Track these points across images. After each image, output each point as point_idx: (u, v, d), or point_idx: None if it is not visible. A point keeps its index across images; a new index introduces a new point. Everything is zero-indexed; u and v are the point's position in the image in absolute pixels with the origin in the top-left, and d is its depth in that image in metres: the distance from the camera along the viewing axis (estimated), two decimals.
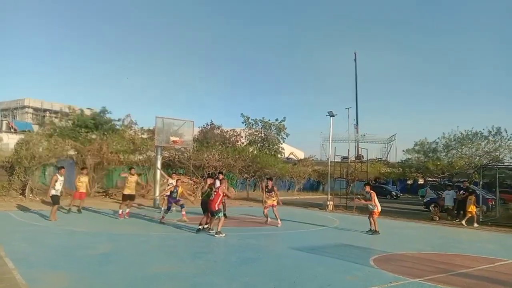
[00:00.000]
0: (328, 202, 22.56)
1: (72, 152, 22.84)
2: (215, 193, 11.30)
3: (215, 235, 10.98)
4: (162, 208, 15.41)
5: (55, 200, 12.92)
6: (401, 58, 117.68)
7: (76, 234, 10.85)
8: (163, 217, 13.80)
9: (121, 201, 15.17)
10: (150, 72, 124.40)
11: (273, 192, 14.68)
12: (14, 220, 12.90)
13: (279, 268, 7.65)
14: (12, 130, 56.30)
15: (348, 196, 24.22)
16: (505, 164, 22.90)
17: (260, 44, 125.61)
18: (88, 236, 10.53)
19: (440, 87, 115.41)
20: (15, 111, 67.48)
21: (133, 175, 15.12)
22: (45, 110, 66.42)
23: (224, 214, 14.39)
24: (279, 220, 14.25)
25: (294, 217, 17.44)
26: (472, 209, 17.23)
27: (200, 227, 11.75)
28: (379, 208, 13.54)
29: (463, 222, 17.26)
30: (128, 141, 26.26)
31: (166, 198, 15.18)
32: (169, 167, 27.21)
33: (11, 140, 32.69)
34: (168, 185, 16.41)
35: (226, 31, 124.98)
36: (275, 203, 14.55)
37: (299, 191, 39.26)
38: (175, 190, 14.09)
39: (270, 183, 15.02)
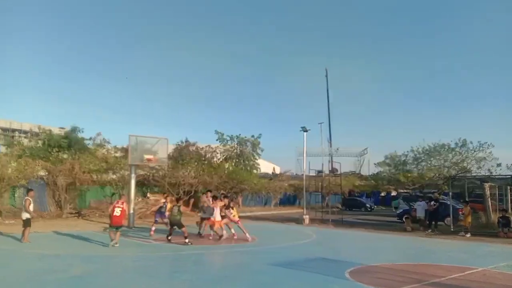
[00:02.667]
0: (304, 216, 22.70)
1: (42, 173, 22.28)
2: (120, 210, 12.39)
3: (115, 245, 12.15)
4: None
5: (28, 223, 12.72)
6: (370, 73, 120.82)
7: (46, 257, 10.54)
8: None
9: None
10: (121, 90, 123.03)
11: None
12: None
13: (256, 285, 7.66)
14: None
15: (323, 210, 24.47)
16: (473, 174, 23.73)
17: (234, 60, 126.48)
18: (59, 259, 10.24)
19: (406, 99, 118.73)
20: None
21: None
22: (13, 130, 64.67)
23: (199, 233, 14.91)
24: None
25: (270, 232, 17.48)
26: (468, 219, 17.72)
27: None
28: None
29: (467, 234, 17.42)
30: (100, 160, 25.85)
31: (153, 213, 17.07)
32: (143, 185, 26.86)
33: None
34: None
35: (199, 48, 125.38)
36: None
37: (276, 206, 39.34)
38: (164, 206, 15.82)
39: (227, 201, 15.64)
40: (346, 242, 13.66)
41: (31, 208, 12.78)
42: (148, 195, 26.25)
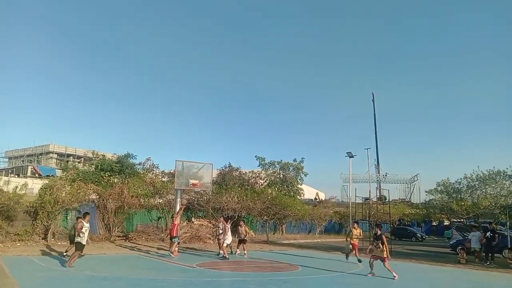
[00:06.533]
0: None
1: (94, 196, 23.16)
2: (172, 224, 16.28)
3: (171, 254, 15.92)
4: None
5: (80, 247, 12.84)
6: (418, 98, 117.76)
7: (95, 279, 10.84)
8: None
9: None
10: (168, 117, 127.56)
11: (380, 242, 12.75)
12: (36, 265, 13.01)
13: None
14: (36, 175, 57.85)
15: (371, 239, 23.56)
16: None
17: (276, 85, 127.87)
18: (107, 281, 10.48)
19: (460, 126, 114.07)
20: (40, 156, 69.55)
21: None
22: (69, 155, 68.32)
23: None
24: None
25: (315, 261, 17.07)
26: None
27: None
28: None
29: None
30: (148, 184, 26.52)
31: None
32: (188, 210, 27.21)
33: (35, 185, 33.44)
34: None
35: (241, 72, 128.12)
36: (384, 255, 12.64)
37: (321, 234, 38.44)
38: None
39: (378, 230, 13.12)
40: (392, 274, 12.97)
41: (85, 232, 12.88)
42: (193, 219, 26.56)
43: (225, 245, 16.87)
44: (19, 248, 17.27)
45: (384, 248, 12.50)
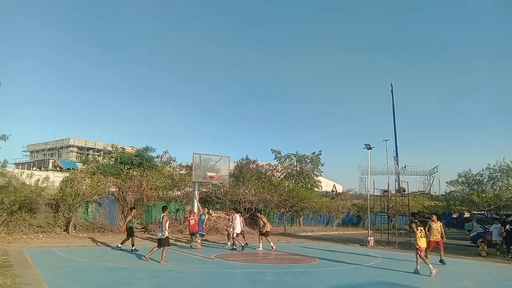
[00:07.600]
0: (369, 238, 21.79)
1: (113, 189, 23.49)
2: (194, 220, 16.68)
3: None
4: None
5: (166, 242, 12.63)
6: (439, 89, 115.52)
7: (116, 270, 11.03)
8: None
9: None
10: (185, 110, 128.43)
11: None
12: (58, 256, 13.31)
13: None
14: (58, 169, 59.02)
15: (390, 231, 23.35)
16: None
17: (292, 77, 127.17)
18: (128, 272, 10.66)
19: (482, 116, 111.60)
20: (60, 150, 70.89)
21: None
22: (88, 149, 69.41)
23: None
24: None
25: (332, 253, 17.01)
26: None
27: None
28: None
29: None
30: (166, 177, 26.78)
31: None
32: (206, 202, 27.43)
33: (57, 178, 34.07)
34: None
35: (257, 64, 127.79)
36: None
37: (338, 226, 38.28)
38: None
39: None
40: (414, 266, 12.83)
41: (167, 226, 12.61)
42: (211, 211, 26.73)
43: (234, 235, 16.76)
44: (41, 240, 17.70)
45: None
